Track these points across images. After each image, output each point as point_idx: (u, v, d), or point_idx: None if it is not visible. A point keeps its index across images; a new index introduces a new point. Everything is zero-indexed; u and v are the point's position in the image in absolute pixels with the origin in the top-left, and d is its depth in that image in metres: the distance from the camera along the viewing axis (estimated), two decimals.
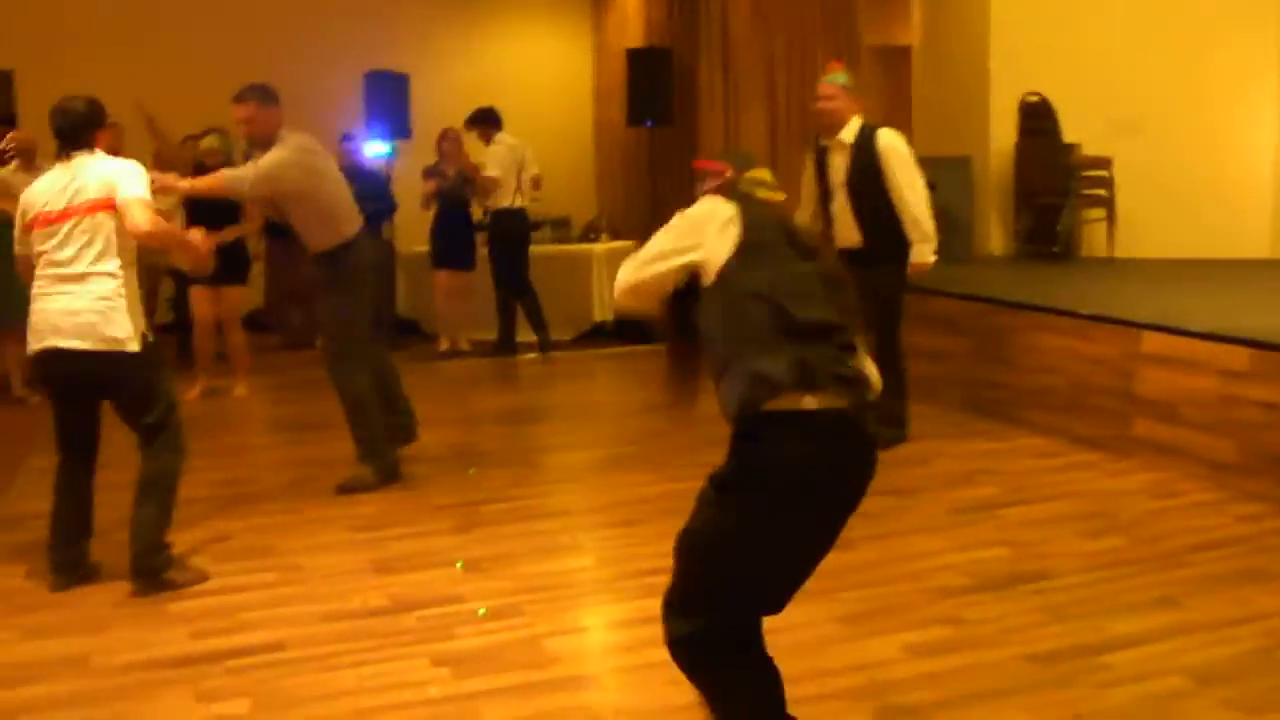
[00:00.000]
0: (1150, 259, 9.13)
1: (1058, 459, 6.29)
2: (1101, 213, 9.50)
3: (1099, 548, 4.89)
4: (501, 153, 9.89)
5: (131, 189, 4.51)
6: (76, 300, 4.47)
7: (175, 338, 9.67)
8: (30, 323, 4.58)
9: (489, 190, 9.83)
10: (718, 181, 3.11)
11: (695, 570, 2.83)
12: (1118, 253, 9.38)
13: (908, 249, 6.40)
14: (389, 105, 10.58)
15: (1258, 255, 9.35)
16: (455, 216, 10.01)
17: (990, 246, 9.95)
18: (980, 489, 5.81)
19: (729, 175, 3.11)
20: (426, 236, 10.17)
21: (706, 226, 2.89)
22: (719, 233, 2.86)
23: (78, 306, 4.46)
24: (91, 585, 4.68)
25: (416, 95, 10.72)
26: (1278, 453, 5.40)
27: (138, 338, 4.53)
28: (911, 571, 4.66)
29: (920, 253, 6.42)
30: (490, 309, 10.07)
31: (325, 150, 6.00)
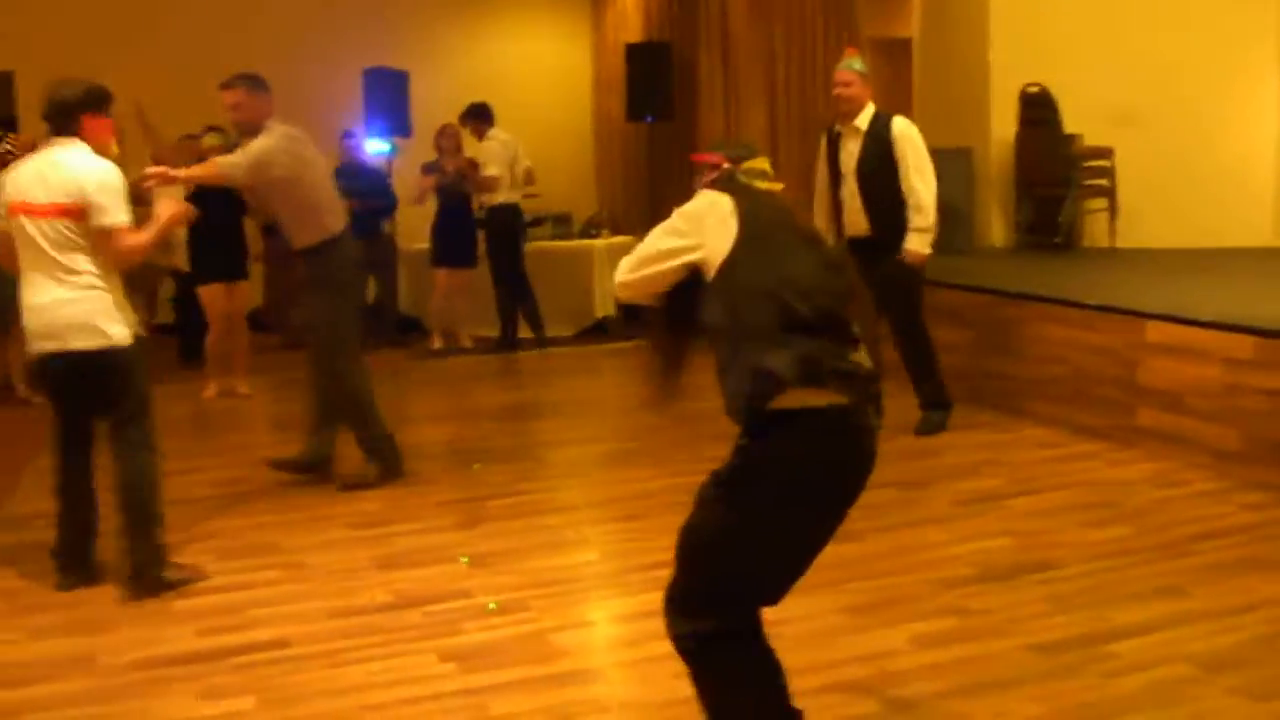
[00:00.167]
0: (1152, 249, 9.12)
1: (1062, 449, 6.29)
2: (1103, 203, 9.50)
3: (1104, 537, 4.89)
4: (497, 149, 9.90)
5: (110, 216, 4.42)
6: (62, 299, 4.44)
7: (178, 338, 9.69)
8: (24, 324, 4.57)
9: (490, 188, 9.83)
10: (715, 174, 3.08)
11: (697, 567, 2.82)
12: (1119, 243, 9.38)
13: None
14: (389, 102, 10.58)
15: (1259, 244, 9.34)
16: (457, 213, 10.00)
17: (991, 238, 9.94)
18: (985, 480, 5.81)
19: (726, 167, 3.08)
20: (427, 234, 10.17)
21: (705, 222, 2.87)
22: (718, 228, 2.84)
23: (64, 306, 4.44)
24: (97, 585, 4.67)
25: (416, 92, 10.73)
26: None
27: (125, 332, 4.52)
28: (917, 562, 4.66)
29: (917, 240, 6.44)
30: (490, 305, 10.07)
31: (311, 142, 5.93)
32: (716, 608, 2.80)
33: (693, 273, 2.89)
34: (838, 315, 2.78)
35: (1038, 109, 9.49)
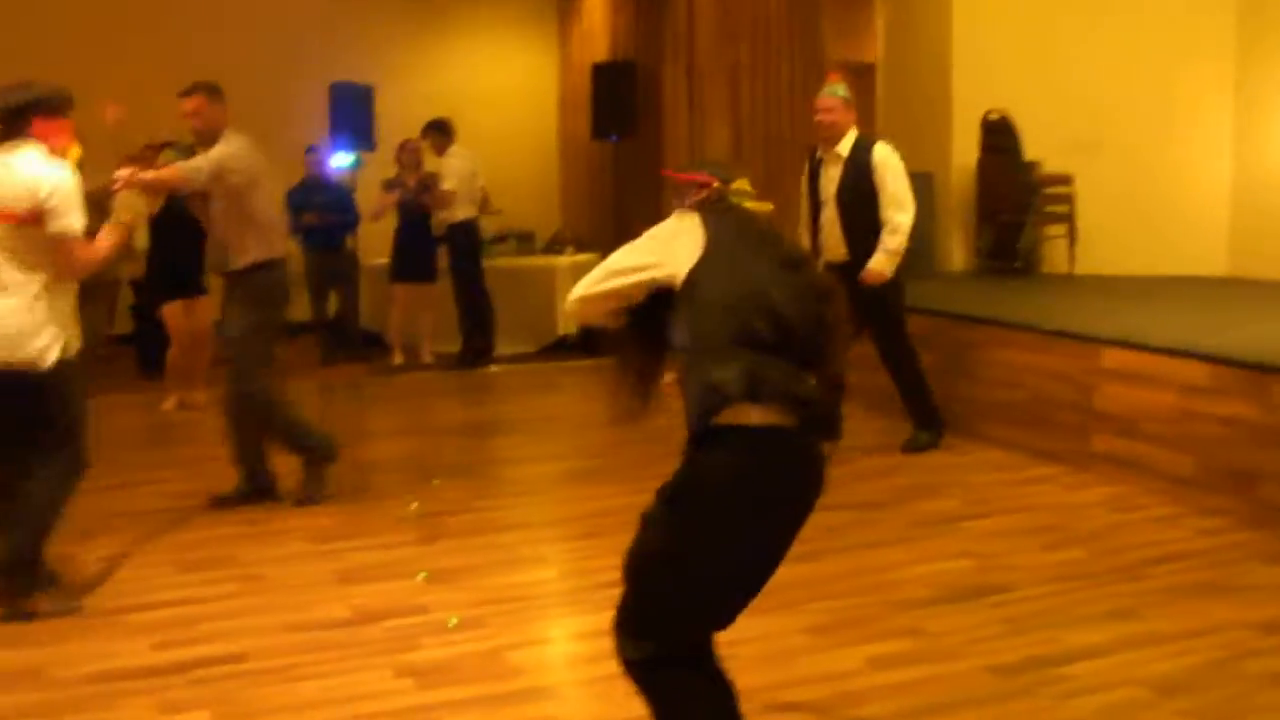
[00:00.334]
0: (1109, 275, 9.21)
1: (1019, 472, 6.34)
2: (1062, 229, 9.59)
3: (1060, 560, 4.93)
4: (457, 165, 9.90)
5: (64, 222, 4.29)
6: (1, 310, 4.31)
7: (135, 348, 9.62)
8: None
9: (447, 203, 9.82)
10: (705, 193, 3.04)
11: (642, 591, 2.81)
12: (1078, 269, 9.47)
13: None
14: (354, 116, 10.53)
15: (1214, 273, 9.47)
16: (416, 228, 9.98)
17: (952, 263, 10.02)
18: (943, 502, 5.84)
19: (716, 186, 3.06)
20: (388, 249, 10.15)
21: (673, 243, 2.87)
22: (684, 246, 2.83)
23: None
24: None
25: (382, 107, 10.69)
26: (1236, 467, 5.47)
27: (56, 349, 4.36)
28: (874, 584, 4.68)
29: (882, 261, 6.47)
30: (452, 321, 10.06)
31: (263, 157, 5.82)
32: (661, 631, 2.79)
33: (661, 291, 2.87)
34: (801, 337, 2.78)
35: (999, 136, 9.58)
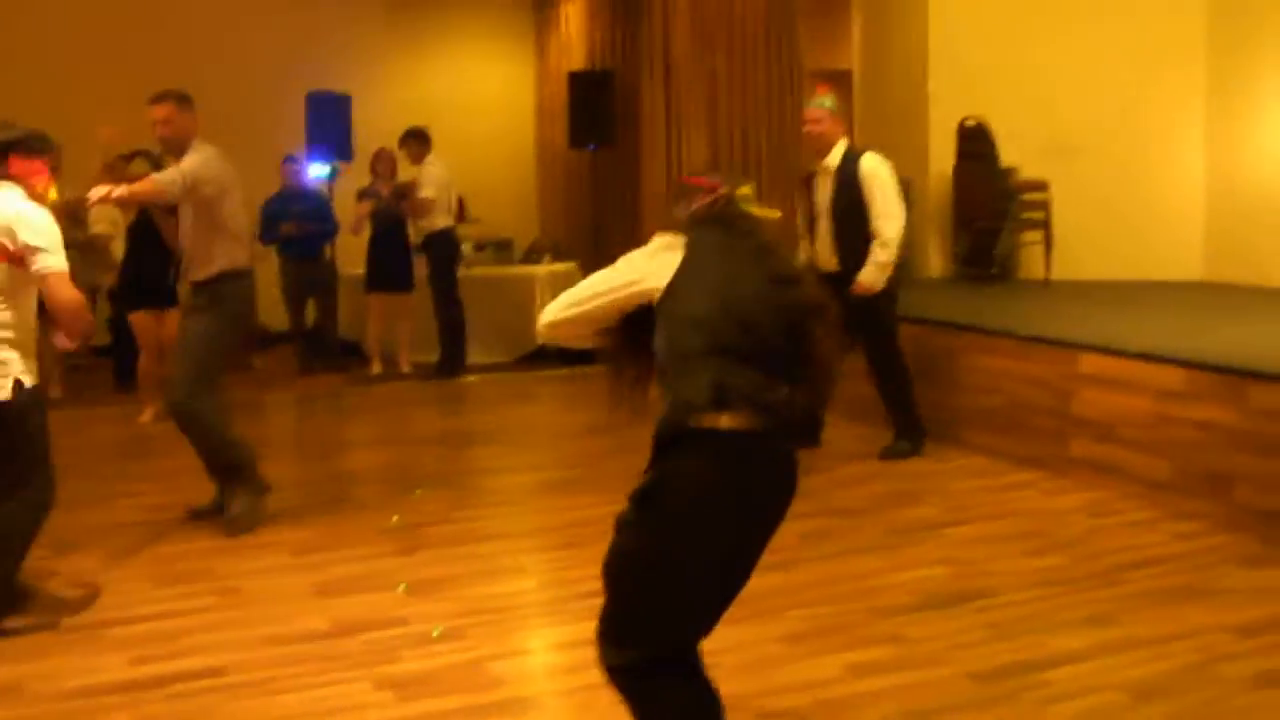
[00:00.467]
0: (1086, 281, 9.26)
1: (998, 478, 6.36)
2: (1038, 235, 9.62)
3: (1039, 566, 4.95)
4: (436, 173, 9.88)
5: (49, 261, 4.25)
6: None
7: (112, 360, 9.57)
8: None
9: (425, 211, 9.80)
10: (710, 198, 3.04)
11: (619, 594, 2.81)
12: (1054, 275, 9.50)
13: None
14: (331, 126, 10.51)
15: (1189, 278, 9.52)
16: (391, 237, 9.95)
17: (929, 269, 10.05)
18: (922, 508, 5.85)
19: (723, 192, 3.04)
20: (364, 259, 10.13)
21: (650, 261, 2.89)
22: (664, 260, 2.85)
23: None
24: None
25: (359, 116, 10.68)
26: (1212, 471, 5.50)
27: (9, 385, 4.27)
28: (854, 591, 4.68)
29: (872, 273, 6.48)
30: (430, 331, 10.03)
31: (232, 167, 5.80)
32: (640, 636, 2.79)
33: (649, 303, 2.87)
34: (774, 348, 2.78)
35: (975, 142, 9.61)
